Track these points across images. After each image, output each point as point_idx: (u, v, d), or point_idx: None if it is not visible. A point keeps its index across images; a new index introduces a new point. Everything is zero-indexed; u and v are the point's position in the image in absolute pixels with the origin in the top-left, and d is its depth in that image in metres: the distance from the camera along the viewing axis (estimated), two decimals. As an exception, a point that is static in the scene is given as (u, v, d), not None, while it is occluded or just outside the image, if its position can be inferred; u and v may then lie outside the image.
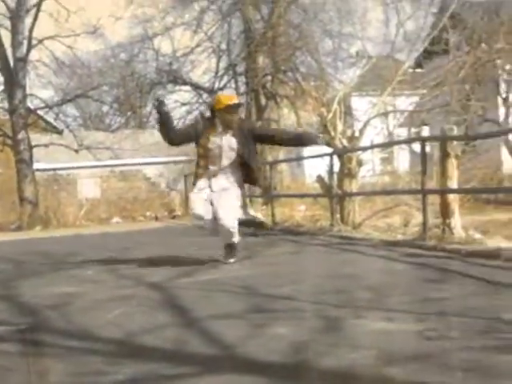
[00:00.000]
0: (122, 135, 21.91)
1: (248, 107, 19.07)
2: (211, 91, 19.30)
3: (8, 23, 17.92)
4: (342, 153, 10.77)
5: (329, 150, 11.11)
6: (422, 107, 14.45)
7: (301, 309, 4.22)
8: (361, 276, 5.62)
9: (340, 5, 17.91)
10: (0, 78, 18.54)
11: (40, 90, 21.75)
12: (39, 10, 18.08)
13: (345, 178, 10.60)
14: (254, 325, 3.80)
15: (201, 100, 20.14)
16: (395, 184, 14.62)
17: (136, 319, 4.13)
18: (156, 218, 18.72)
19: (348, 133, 11.46)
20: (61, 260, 8.23)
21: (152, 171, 26.46)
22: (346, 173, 10.60)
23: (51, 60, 19.18)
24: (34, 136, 19.00)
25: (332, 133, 10.94)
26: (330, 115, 11.04)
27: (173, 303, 4.72)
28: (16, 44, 17.78)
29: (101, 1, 20.20)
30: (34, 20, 17.89)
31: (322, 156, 11.43)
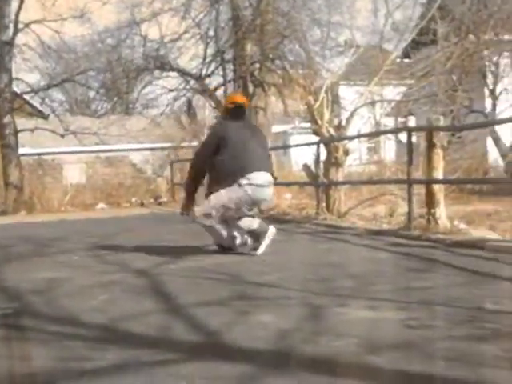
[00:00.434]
0: (109, 121, 21.71)
1: (235, 94, 18.98)
2: (199, 78, 19.23)
3: (-6, 6, 17.73)
4: (329, 141, 10.79)
5: (316, 139, 11.14)
6: (409, 97, 14.49)
7: (285, 296, 4.24)
8: (345, 264, 5.65)
9: (329, -7, 17.85)
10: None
11: (26, 75, 21.56)
12: (26, -6, 17.91)
13: (331, 167, 10.62)
14: (239, 312, 3.82)
15: (188, 86, 20.06)
16: (381, 173, 14.70)
17: (120, 305, 4.13)
18: (142, 204, 18.67)
19: (335, 122, 11.49)
20: (46, 245, 8.19)
21: (138, 157, 26.34)
22: (333, 162, 10.62)
23: (38, 44, 18.98)
24: (20, 121, 18.81)
25: (319, 121, 10.95)
26: (318, 104, 11.04)
27: (157, 289, 4.72)
28: (2, 27, 17.58)
29: (88, -16, 19.99)
30: (21, 3, 17.68)
31: (309, 145, 11.46)
